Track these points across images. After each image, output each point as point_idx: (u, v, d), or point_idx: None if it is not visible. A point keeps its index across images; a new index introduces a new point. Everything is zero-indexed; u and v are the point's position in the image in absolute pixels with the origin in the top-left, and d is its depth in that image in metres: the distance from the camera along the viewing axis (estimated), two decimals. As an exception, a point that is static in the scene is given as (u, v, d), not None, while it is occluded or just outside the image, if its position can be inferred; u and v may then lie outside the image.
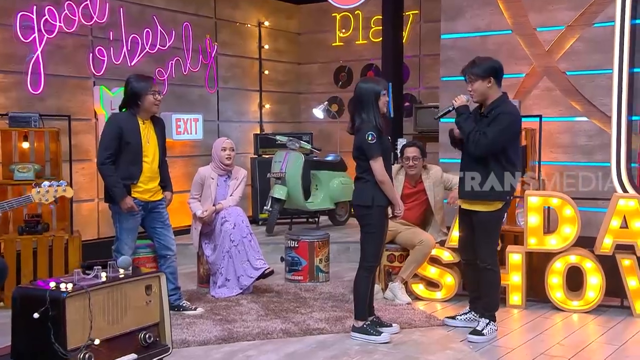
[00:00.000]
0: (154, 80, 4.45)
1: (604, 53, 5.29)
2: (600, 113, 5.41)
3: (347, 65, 8.81)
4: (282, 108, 8.85)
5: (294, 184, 6.96)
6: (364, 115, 3.93)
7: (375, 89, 3.93)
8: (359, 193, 4.03)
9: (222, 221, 5.10)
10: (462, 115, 4.05)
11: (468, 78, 4.05)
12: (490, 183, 4.00)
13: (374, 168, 3.90)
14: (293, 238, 5.57)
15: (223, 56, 7.85)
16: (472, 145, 3.94)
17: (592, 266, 4.60)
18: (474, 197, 4.04)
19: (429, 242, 4.90)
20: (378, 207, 3.96)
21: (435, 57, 7.44)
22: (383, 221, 4.03)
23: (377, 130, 3.89)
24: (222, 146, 5.20)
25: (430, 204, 5.16)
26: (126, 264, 3.12)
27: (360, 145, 3.92)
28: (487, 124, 3.95)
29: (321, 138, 8.60)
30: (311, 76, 9.09)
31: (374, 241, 4.01)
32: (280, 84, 8.81)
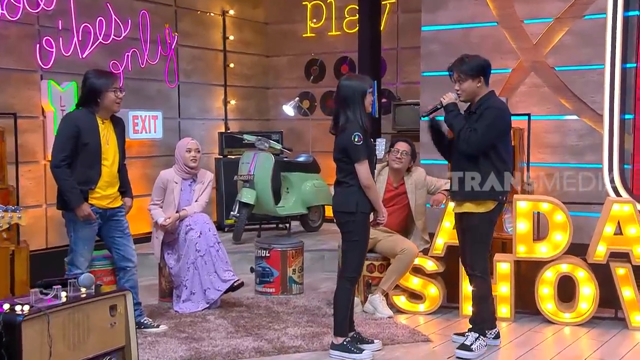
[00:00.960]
0: (116, 75, 4.36)
1: (595, 47, 5.36)
2: (591, 111, 5.49)
3: (319, 59, 8.79)
4: (248, 104, 8.79)
5: (263, 187, 6.91)
6: (349, 114, 3.92)
7: (362, 87, 3.92)
8: (342, 199, 4.00)
9: (186, 229, 5.03)
10: (451, 113, 4.08)
11: (457, 77, 4.07)
12: (481, 182, 4.03)
13: (360, 171, 3.88)
14: (264, 247, 5.53)
15: (184, 48, 7.76)
16: (463, 143, 3.98)
17: (585, 275, 4.65)
18: (464, 197, 4.07)
19: (412, 250, 4.90)
20: (362, 213, 3.95)
21: (414, 50, 7.47)
22: (367, 229, 4.02)
23: (363, 131, 3.88)
24: (187, 147, 5.13)
25: (411, 208, 5.16)
26: (89, 282, 3.04)
27: (345, 146, 3.90)
28: (475, 120, 3.99)
29: (292, 137, 8.57)
30: (280, 70, 9.04)
31: (358, 250, 4.00)
32: (246, 78, 8.75)
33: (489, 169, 4.04)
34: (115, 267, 4.57)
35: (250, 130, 8.22)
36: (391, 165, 5.15)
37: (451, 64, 4.13)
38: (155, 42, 7.30)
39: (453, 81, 4.12)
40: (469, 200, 4.07)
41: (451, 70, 4.12)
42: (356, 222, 3.93)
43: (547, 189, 5.46)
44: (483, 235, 4.16)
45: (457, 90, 4.09)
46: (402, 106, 7.41)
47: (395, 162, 5.10)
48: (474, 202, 4.06)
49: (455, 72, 4.07)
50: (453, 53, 5.87)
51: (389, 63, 8.20)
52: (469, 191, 4.06)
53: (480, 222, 4.11)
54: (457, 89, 4.08)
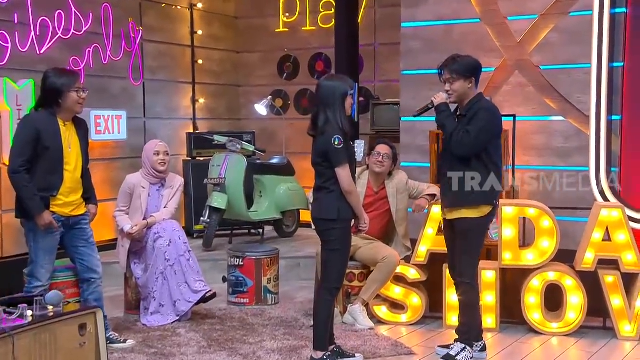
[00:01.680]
0: (78, 74, 4.30)
1: (581, 45, 5.44)
2: (577, 112, 5.56)
3: (292, 55, 8.77)
4: (218, 103, 8.74)
5: (235, 191, 6.87)
6: (329, 116, 3.92)
7: (343, 88, 3.92)
8: (322, 205, 3.99)
9: (155, 237, 4.98)
10: (443, 113, 4.09)
11: (448, 77, 4.06)
12: (474, 185, 4.06)
13: (341, 176, 3.88)
14: (237, 255, 5.49)
15: (149, 43, 7.69)
16: (456, 145, 4.01)
17: (573, 284, 4.70)
18: (457, 202, 4.08)
19: (393, 258, 4.91)
20: (344, 220, 3.94)
21: (392, 47, 7.50)
22: (348, 237, 4.02)
23: (343, 134, 3.88)
24: (155, 150, 5.07)
25: (392, 214, 5.17)
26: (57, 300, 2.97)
27: (325, 150, 3.90)
28: (467, 123, 4.00)
29: (264, 137, 8.54)
30: (252, 67, 9.00)
31: (339, 260, 3.99)
32: (216, 75, 8.69)
33: (482, 171, 4.07)
34: (78, 278, 4.50)
35: (220, 130, 8.16)
36: (372, 169, 5.15)
37: (442, 63, 4.12)
38: (118, 37, 7.22)
39: (443, 81, 4.11)
40: (462, 205, 4.08)
41: (441, 70, 4.11)
42: (337, 230, 3.93)
43: (532, 193, 5.52)
44: (476, 241, 4.18)
45: (447, 91, 4.08)
46: (380, 106, 7.43)
47: (376, 165, 5.11)
48: (468, 207, 4.07)
49: (446, 71, 4.07)
50: (434, 51, 5.99)
51: (366, 60, 8.20)
52: (462, 195, 4.07)
53: (474, 227, 4.13)
54: (447, 90, 4.08)
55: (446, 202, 4.21)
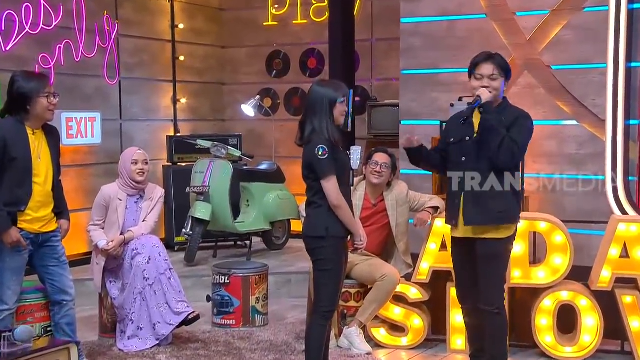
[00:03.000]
0: (48, 78, 4.29)
1: (596, 43, 5.45)
2: (592, 116, 5.58)
3: (282, 51, 8.77)
4: (201, 103, 8.73)
5: (220, 200, 6.86)
6: (315, 124, 3.92)
7: (331, 95, 3.92)
8: (310, 221, 4.00)
9: (132, 254, 4.97)
10: (494, 115, 3.94)
11: (491, 72, 3.95)
12: (504, 201, 4.00)
13: (327, 190, 3.88)
14: (223, 272, 5.48)
15: (126, 38, 7.68)
16: (508, 155, 3.90)
17: (588, 304, 4.71)
18: (486, 220, 3.99)
19: (393, 276, 4.91)
20: (334, 238, 3.93)
21: (390, 42, 7.51)
22: (341, 255, 4.00)
23: (330, 144, 3.87)
24: (133, 158, 5.07)
25: (392, 228, 5.17)
26: (27, 336, 2.95)
27: (310, 161, 3.90)
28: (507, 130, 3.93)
29: (252, 141, 8.53)
30: (238, 63, 8.99)
31: (332, 281, 3.97)
32: (199, 72, 8.68)
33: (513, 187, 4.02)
34: (49, 301, 4.47)
35: (203, 133, 8.15)
36: (369, 180, 5.15)
37: (481, 56, 4.03)
38: (92, 32, 7.19)
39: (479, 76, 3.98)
40: (492, 223, 4.01)
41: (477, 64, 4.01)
42: (327, 249, 3.92)
43: (543, 204, 5.53)
44: (505, 265, 4.16)
45: (487, 88, 3.96)
46: (378, 107, 7.43)
47: (374, 176, 5.10)
48: (498, 225, 4.02)
49: (489, 65, 3.97)
50: (436, 48, 6.01)
51: (363, 56, 8.21)
52: (492, 212, 3.97)
53: (503, 249, 4.08)
54: (486, 86, 3.97)
55: (470, 217, 4.04)
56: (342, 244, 4.00)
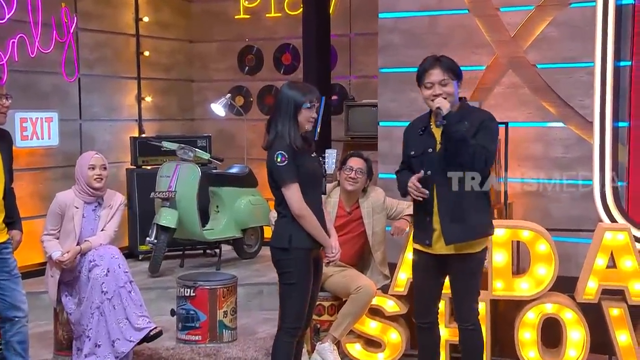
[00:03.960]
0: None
1: (583, 41, 5.49)
2: (579, 117, 5.62)
3: (255, 46, 8.78)
4: (168, 101, 8.72)
5: (187, 206, 6.86)
6: (279, 128, 3.95)
7: (297, 99, 3.94)
8: (275, 232, 4.06)
9: (90, 266, 4.95)
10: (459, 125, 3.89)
11: (442, 78, 3.93)
12: (484, 212, 4.03)
13: (287, 198, 3.92)
14: (188, 284, 5.48)
15: (86, 32, 7.66)
16: (481, 163, 3.89)
17: (573, 317, 4.76)
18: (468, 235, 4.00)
19: (369, 288, 4.93)
20: (299, 249, 3.96)
21: (369, 38, 7.54)
22: (307, 268, 4.02)
23: (291, 150, 3.88)
24: (90, 163, 5.05)
25: (368, 237, 5.19)
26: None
27: (270, 168, 3.94)
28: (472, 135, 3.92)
29: (222, 142, 8.53)
30: (207, 59, 8.99)
31: (296, 295, 4.00)
32: (165, 69, 8.68)
33: (483, 194, 4.03)
34: None
35: (170, 134, 8.14)
36: (343, 187, 5.16)
37: (428, 61, 4.00)
38: (48, 25, 7.16)
39: (429, 84, 3.96)
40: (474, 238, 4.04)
41: (426, 71, 3.98)
42: (291, 261, 3.95)
43: (527, 211, 5.56)
44: (479, 277, 4.20)
45: (439, 95, 3.94)
46: (356, 107, 7.46)
47: (348, 182, 5.12)
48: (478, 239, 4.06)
49: (438, 70, 3.95)
50: (416, 46, 6.02)
51: (340, 52, 8.24)
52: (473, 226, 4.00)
53: (479, 263, 4.13)
54: (440, 93, 3.94)
55: (451, 235, 4.01)
56: (308, 256, 4.02)
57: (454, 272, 4.12)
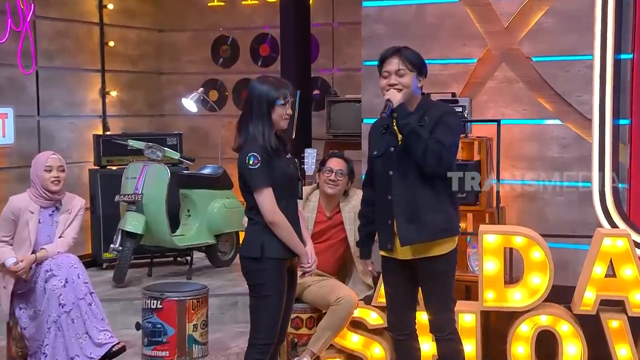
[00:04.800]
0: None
1: (581, 32, 5.54)
2: (577, 114, 5.67)
3: (230, 35, 8.78)
4: (135, 96, 8.71)
5: (156, 210, 6.85)
6: (251, 128, 3.94)
7: (270, 95, 3.94)
8: (246, 240, 4.05)
9: (46, 276, 4.93)
10: (411, 117, 3.94)
11: (398, 67, 3.99)
12: (443, 212, 4.06)
13: (260, 204, 3.91)
14: (154, 296, 5.45)
15: (44, 20, 7.66)
16: (434, 159, 3.92)
17: (570, 330, 4.78)
18: (429, 235, 4.04)
19: (350, 299, 4.93)
20: (271, 260, 3.95)
21: (353, 27, 7.56)
22: (281, 280, 4.02)
23: (265, 152, 3.89)
24: (46, 165, 5.04)
25: (350, 243, 5.20)
26: None
27: (241, 171, 3.95)
28: (430, 131, 3.96)
29: (194, 140, 8.53)
30: (179, 49, 8.99)
31: (268, 309, 3.99)
32: (132, 60, 8.66)
33: (446, 194, 4.08)
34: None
35: (137, 131, 8.12)
36: (323, 190, 5.17)
37: (387, 51, 4.08)
38: (2, 13, 7.13)
39: (386, 74, 4.04)
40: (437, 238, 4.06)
41: (386, 59, 4.05)
42: (264, 272, 3.94)
43: (521, 215, 5.59)
44: (451, 283, 4.20)
45: (394, 85, 3.99)
46: (338, 103, 7.47)
47: (328, 185, 5.12)
48: (442, 239, 4.08)
49: (396, 60, 4.01)
50: (402, 36, 6.03)
51: (323, 43, 8.26)
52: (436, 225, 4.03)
53: (451, 264, 4.15)
54: (394, 84, 3.99)
55: (407, 236, 4.06)
56: (282, 267, 4.02)
57: (422, 277, 4.14)
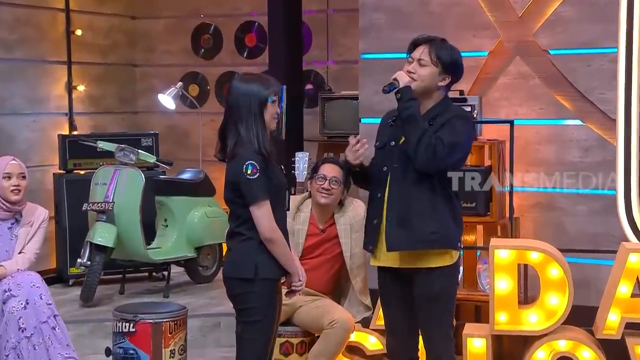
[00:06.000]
0: None
1: (605, 22, 5.53)
2: (599, 114, 5.67)
3: (212, 23, 8.77)
4: (106, 91, 8.70)
5: (129, 220, 6.84)
6: (242, 133, 3.93)
7: (260, 94, 3.94)
8: (235, 258, 4.01)
9: (4, 297, 4.93)
10: (412, 102, 4.01)
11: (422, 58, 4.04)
12: (438, 221, 4.06)
13: (257, 219, 3.90)
14: (126, 317, 5.43)
15: (3, 7, 7.61)
16: (426, 153, 3.95)
17: (592, 356, 4.79)
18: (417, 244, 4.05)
19: (346, 322, 4.94)
20: (265, 281, 3.95)
21: (351, 15, 7.55)
22: (274, 303, 4.02)
23: (262, 159, 3.89)
24: (5, 172, 5.04)
25: (345, 259, 5.20)
26: None
27: (236, 181, 3.92)
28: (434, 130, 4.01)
29: (172, 141, 8.52)
30: (154, 39, 8.98)
31: (259, 335, 3.99)
32: (102, 51, 8.65)
33: (446, 203, 4.09)
34: None
35: (108, 131, 8.11)
36: (315, 199, 5.17)
37: (422, 36, 4.13)
38: (-46, -1, 7.16)
39: (410, 59, 4.10)
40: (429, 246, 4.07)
41: (417, 45, 4.10)
42: (256, 295, 3.93)
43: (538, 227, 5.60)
44: (451, 302, 4.22)
45: (411, 73, 4.06)
46: (334, 100, 7.46)
47: (321, 194, 5.11)
48: (436, 253, 4.09)
49: (424, 48, 4.06)
50: (404, 27, 6.05)
51: (316, 32, 8.26)
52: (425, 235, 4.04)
53: (447, 281, 4.15)
54: (412, 72, 4.06)
55: (393, 241, 4.09)
56: (274, 288, 4.03)
57: (415, 292, 4.15)
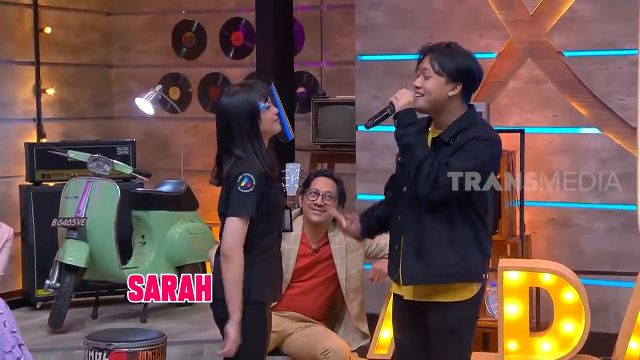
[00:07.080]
0: None
1: (624, 22, 5.57)
2: (618, 121, 5.70)
3: (195, 20, 8.78)
4: (78, 95, 8.69)
5: (103, 237, 6.83)
6: (238, 153, 3.95)
7: (248, 104, 3.95)
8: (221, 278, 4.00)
9: (-34, 323, 4.96)
10: (409, 127, 3.99)
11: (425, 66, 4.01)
12: (459, 252, 4.04)
13: (227, 230, 3.91)
14: (99, 346, 5.44)
15: (-34, 4, 7.67)
16: (425, 184, 3.92)
17: (610, 388, 4.84)
18: (434, 279, 4.04)
19: (340, 351, 4.95)
20: (256, 305, 3.98)
21: (346, 12, 7.57)
22: (264, 327, 4.06)
23: (262, 177, 3.92)
24: (-33, 186, 5.07)
25: (340, 282, 5.22)
26: None
27: (228, 189, 3.96)
28: (451, 153, 3.97)
29: (150, 150, 8.52)
30: (131, 37, 8.98)
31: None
32: (73, 50, 8.65)
33: (468, 231, 4.05)
34: None
35: (80, 139, 8.11)
36: (307, 216, 5.18)
37: (427, 45, 4.09)
38: None
39: (418, 72, 4.07)
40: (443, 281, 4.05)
41: (423, 54, 4.07)
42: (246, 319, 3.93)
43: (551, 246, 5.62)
44: (467, 338, 4.20)
45: (417, 88, 4.02)
46: (328, 105, 7.47)
47: (314, 212, 5.12)
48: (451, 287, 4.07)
49: (429, 57, 4.02)
50: (405, 26, 6.09)
51: (309, 30, 8.26)
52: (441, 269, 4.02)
53: (463, 316, 4.13)
54: (418, 87, 4.02)
55: (409, 273, 4.08)
56: (265, 311, 4.06)
57: (429, 326, 4.13)
